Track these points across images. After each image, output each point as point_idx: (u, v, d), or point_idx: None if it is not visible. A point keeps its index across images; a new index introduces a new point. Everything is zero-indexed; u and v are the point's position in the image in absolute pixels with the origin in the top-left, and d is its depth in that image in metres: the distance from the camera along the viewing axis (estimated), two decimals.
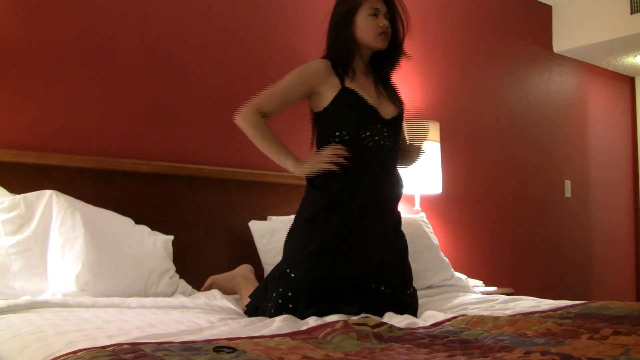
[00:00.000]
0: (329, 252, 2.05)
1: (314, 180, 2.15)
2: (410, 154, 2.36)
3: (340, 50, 2.17)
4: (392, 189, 2.19)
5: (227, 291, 2.43)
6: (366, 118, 2.11)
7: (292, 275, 2.03)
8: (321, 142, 2.18)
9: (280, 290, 2.01)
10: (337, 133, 2.11)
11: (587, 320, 1.72)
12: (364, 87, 2.16)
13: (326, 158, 2.06)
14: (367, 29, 2.15)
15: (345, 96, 2.11)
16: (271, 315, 1.94)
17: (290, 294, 1.99)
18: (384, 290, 2.05)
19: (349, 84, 2.13)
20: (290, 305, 1.97)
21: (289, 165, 2.12)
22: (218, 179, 2.82)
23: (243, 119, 2.14)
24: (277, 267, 2.14)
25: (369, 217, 2.10)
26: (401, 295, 2.09)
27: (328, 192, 2.10)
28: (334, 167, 2.06)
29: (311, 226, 2.10)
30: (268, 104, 2.15)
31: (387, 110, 2.17)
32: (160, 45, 2.80)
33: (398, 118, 2.21)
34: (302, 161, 2.12)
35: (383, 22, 2.15)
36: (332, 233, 2.06)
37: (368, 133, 2.10)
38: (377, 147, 2.11)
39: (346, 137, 2.10)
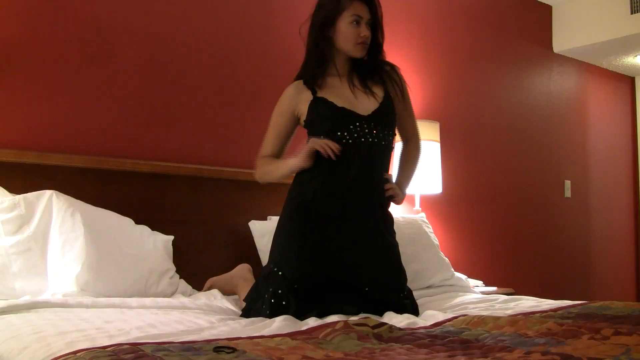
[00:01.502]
0: (312, 248, 2.07)
1: (300, 175, 2.17)
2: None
3: (316, 55, 2.18)
4: (376, 186, 2.17)
5: (226, 292, 2.43)
6: (339, 120, 2.12)
7: (280, 273, 2.05)
8: None
9: (271, 289, 2.01)
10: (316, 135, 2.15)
11: (588, 320, 1.72)
12: (335, 91, 2.17)
13: (320, 142, 2.07)
14: (347, 37, 2.14)
15: (317, 105, 2.15)
16: (267, 316, 1.95)
17: (280, 291, 2.00)
18: (378, 296, 2.05)
19: (320, 93, 2.17)
20: (284, 302, 1.98)
21: (291, 164, 2.16)
22: (218, 179, 2.82)
23: (256, 171, 2.28)
24: (266, 267, 2.16)
25: (350, 213, 2.10)
26: (396, 299, 2.09)
27: (310, 189, 2.12)
28: (325, 151, 2.05)
29: (294, 222, 2.13)
30: (268, 148, 2.27)
31: (364, 107, 2.15)
32: (160, 46, 2.80)
33: (379, 112, 2.16)
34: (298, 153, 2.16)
35: (364, 31, 2.13)
36: (314, 229, 2.08)
37: (345, 133, 2.11)
38: (356, 145, 2.11)
39: (323, 138, 2.12)
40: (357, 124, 2.12)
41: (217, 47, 2.97)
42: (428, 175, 3.37)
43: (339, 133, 2.11)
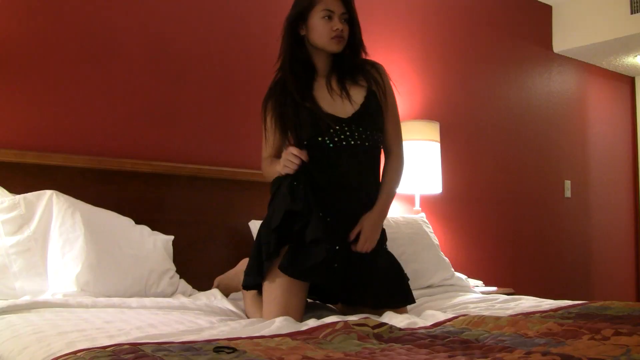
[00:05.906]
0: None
1: (280, 178, 2.09)
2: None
3: (295, 59, 2.13)
4: (364, 187, 2.12)
5: (233, 289, 2.42)
6: (319, 124, 2.05)
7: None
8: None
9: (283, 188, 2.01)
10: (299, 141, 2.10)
11: (588, 320, 1.72)
12: (315, 94, 2.11)
13: (283, 162, 2.03)
14: (320, 32, 2.08)
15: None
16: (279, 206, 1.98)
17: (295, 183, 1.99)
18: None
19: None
20: (295, 183, 1.98)
21: (278, 169, 2.10)
22: (218, 179, 2.82)
23: (263, 173, 2.24)
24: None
25: (338, 215, 2.05)
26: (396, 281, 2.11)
27: (295, 191, 2.04)
28: (290, 171, 2.01)
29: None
30: (266, 150, 2.21)
31: (343, 109, 2.10)
32: (160, 46, 2.80)
33: (360, 113, 2.09)
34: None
35: (337, 24, 2.08)
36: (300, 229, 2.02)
37: (326, 137, 2.05)
38: (339, 148, 2.06)
39: (306, 143, 2.08)
40: (338, 127, 2.06)
41: (217, 47, 2.97)
42: (428, 175, 3.37)
43: (319, 138, 2.06)
